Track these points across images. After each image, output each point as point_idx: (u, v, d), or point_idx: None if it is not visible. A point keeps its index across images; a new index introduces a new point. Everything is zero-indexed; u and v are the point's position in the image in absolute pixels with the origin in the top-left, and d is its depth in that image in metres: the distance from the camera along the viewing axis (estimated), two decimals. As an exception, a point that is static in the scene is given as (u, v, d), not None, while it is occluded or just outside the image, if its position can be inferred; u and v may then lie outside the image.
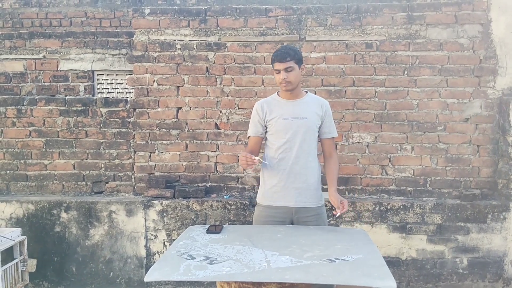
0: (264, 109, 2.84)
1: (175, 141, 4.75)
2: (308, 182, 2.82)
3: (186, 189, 4.59)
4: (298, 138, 2.78)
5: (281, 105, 2.84)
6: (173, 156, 4.76)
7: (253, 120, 2.88)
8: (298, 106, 2.82)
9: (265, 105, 2.87)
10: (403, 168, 4.62)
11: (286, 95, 2.85)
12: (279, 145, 2.80)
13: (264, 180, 2.91)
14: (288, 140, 2.78)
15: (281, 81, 2.74)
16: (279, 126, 2.80)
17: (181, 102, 4.73)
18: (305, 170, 2.81)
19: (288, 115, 2.78)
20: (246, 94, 4.68)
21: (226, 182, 4.74)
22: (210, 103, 4.71)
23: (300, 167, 2.80)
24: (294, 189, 2.79)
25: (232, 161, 4.73)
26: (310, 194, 2.84)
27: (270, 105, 2.86)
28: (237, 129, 4.72)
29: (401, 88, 4.59)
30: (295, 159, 2.79)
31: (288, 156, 2.79)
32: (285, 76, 2.70)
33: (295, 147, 2.78)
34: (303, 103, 2.85)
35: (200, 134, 4.74)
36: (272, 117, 2.77)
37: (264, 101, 2.92)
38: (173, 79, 4.71)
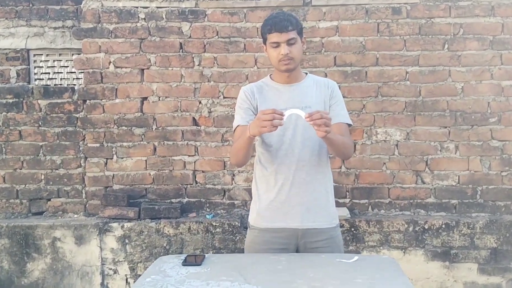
0: (254, 95, 2.84)
1: (139, 142, 4.76)
2: (317, 195, 2.82)
3: (155, 207, 4.62)
4: (300, 135, 2.78)
5: (276, 91, 2.85)
6: (137, 163, 4.77)
7: (241, 106, 2.86)
8: (299, 91, 2.84)
9: (255, 90, 2.86)
10: (445, 174, 4.66)
11: (282, 78, 2.84)
12: (277, 146, 2.79)
13: (259, 194, 2.89)
14: (288, 139, 2.79)
15: (282, 58, 2.72)
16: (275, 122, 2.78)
17: (147, 91, 4.74)
18: (313, 178, 2.81)
19: (285, 104, 2.75)
20: (234, 78, 4.70)
21: (209, 196, 4.77)
22: (185, 91, 4.72)
23: (306, 174, 2.79)
24: (299, 204, 2.79)
25: (216, 168, 4.75)
26: (321, 211, 2.83)
27: (261, 91, 2.87)
28: (222, 125, 4.73)
29: (441, 68, 4.62)
30: (298, 163, 2.78)
31: (289, 160, 2.78)
32: (288, 50, 2.69)
33: (297, 148, 2.78)
34: (304, 87, 2.86)
35: (172, 133, 4.75)
36: (265, 107, 2.74)
37: (254, 85, 2.91)
38: (135, 60, 4.73)
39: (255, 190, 2.91)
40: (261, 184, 2.86)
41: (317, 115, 2.39)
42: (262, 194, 2.85)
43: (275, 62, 2.76)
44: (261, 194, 2.86)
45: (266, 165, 2.82)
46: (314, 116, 2.40)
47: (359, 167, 4.70)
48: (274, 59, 2.75)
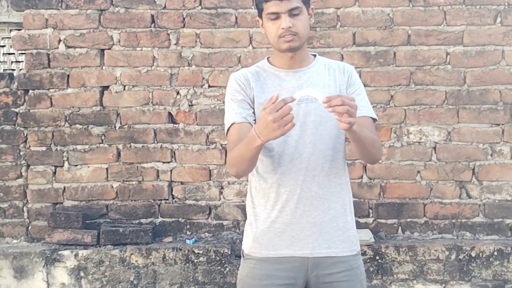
0: (249, 83, 2.86)
1: (98, 145, 4.76)
2: (333, 213, 2.80)
3: (120, 229, 4.62)
4: (311, 135, 2.78)
5: (276, 79, 2.87)
6: (95, 172, 4.77)
7: (234, 98, 2.86)
8: (305, 79, 2.85)
9: (250, 77, 2.88)
10: (497, 185, 4.66)
11: (284, 61, 2.85)
12: (280, 150, 2.79)
13: (256, 214, 2.88)
14: (294, 140, 2.78)
15: (282, 33, 2.71)
16: None
17: (109, 77, 4.75)
18: (327, 192, 2.80)
19: (289, 95, 2.62)
20: (222, 61, 4.69)
21: (190, 215, 4.77)
22: (159, 78, 4.73)
23: (318, 186, 2.78)
24: (310, 226, 2.77)
25: (199, 178, 4.75)
26: (338, 234, 2.82)
27: (258, 78, 2.89)
28: (206, 123, 4.72)
29: (491, 47, 4.63)
30: (308, 173, 2.77)
31: (296, 168, 2.77)
32: (290, 23, 2.68)
33: (306, 152, 2.77)
34: (313, 73, 2.87)
35: (142, 133, 4.75)
36: (264, 100, 2.72)
37: (248, 71, 2.92)
38: (93, 37, 4.72)
39: (251, 207, 2.89)
40: (258, 199, 2.86)
41: (338, 99, 2.35)
42: (260, 213, 2.84)
43: (274, 38, 2.76)
44: (259, 213, 2.85)
45: (265, 175, 2.82)
46: (334, 101, 2.36)
47: (386, 176, 4.69)
48: (273, 34, 2.75)
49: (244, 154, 2.59)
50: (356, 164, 4.64)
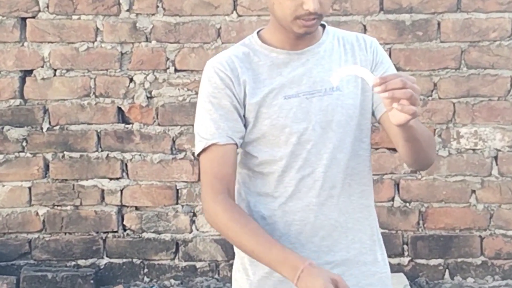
0: (237, 75, 2.57)
1: (18, 154, 4.59)
2: (359, 247, 2.60)
3: (48, 275, 4.44)
4: (328, 141, 2.54)
5: (273, 64, 2.59)
6: (13, 193, 4.61)
7: (215, 102, 2.56)
8: (316, 62, 2.59)
9: (238, 65, 2.58)
10: None
11: (286, 38, 2.57)
12: (284, 165, 2.53)
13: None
14: (306, 149, 2.53)
15: (303, 15, 2.40)
16: (278, 117, 2.55)
17: (33, 58, 4.58)
18: (350, 218, 2.60)
19: (296, 86, 2.55)
20: (194, 34, 4.56)
21: (149, 254, 4.62)
22: (104, 59, 4.57)
23: (339, 211, 2.57)
24: (330, 266, 2.53)
25: (161, 201, 4.61)
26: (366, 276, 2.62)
27: (249, 65, 2.61)
28: (172, 123, 4.59)
29: None
30: (323, 192, 2.53)
31: (307, 188, 2.54)
32: (318, 4, 2.38)
33: (321, 164, 2.52)
34: (324, 53, 2.61)
35: (80, 137, 4.62)
36: (259, 98, 2.54)
37: (234, 55, 2.62)
38: (10, 1, 4.56)
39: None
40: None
41: (397, 81, 2.13)
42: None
43: (287, 16, 2.46)
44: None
45: (262, 200, 2.67)
46: (391, 82, 2.14)
47: (427, 198, 4.56)
48: (287, 11, 2.46)
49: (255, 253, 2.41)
50: (385, 180, 4.52)
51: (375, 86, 2.16)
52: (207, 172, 2.52)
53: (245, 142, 2.58)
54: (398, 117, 2.16)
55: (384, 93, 2.11)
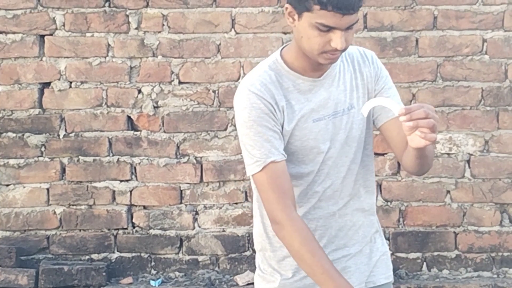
0: (276, 102, 2.71)
1: (37, 159, 4.70)
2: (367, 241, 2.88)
3: (64, 268, 4.52)
4: (345, 156, 2.78)
5: (302, 90, 2.75)
6: (33, 193, 4.70)
7: (262, 124, 2.69)
8: (334, 84, 2.76)
9: (274, 91, 2.71)
10: None
11: (310, 65, 2.69)
12: (310, 180, 2.76)
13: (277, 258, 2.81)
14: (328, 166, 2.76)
15: (330, 51, 2.56)
16: (308, 139, 2.75)
17: (51, 72, 4.66)
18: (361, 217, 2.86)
19: (322, 110, 2.72)
20: (196, 50, 4.65)
21: (155, 249, 4.73)
22: (115, 73, 4.67)
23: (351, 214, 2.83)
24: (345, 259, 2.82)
25: (167, 201, 4.71)
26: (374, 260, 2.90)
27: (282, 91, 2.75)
28: (177, 130, 4.68)
29: None
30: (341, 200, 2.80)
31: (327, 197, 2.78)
32: (345, 43, 2.54)
33: (340, 176, 2.77)
34: (337, 74, 2.77)
35: (94, 143, 4.71)
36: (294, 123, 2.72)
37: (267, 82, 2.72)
38: (31, 20, 4.65)
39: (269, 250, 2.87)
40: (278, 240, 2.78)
41: (421, 112, 2.29)
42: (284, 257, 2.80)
43: (314, 50, 2.60)
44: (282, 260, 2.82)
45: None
46: (416, 113, 2.30)
47: (407, 198, 4.68)
48: (315, 46, 2.59)
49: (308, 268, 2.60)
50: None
51: (400, 115, 2.29)
52: (271, 188, 2.65)
53: None
54: (418, 141, 2.30)
55: (409, 123, 2.25)
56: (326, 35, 2.51)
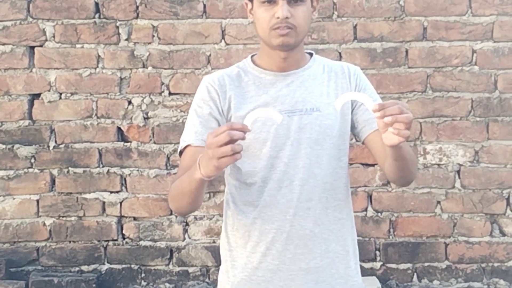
0: (225, 91, 2.84)
1: (27, 170, 4.72)
2: (332, 256, 2.80)
3: (54, 279, 4.55)
4: (305, 156, 2.77)
5: (261, 83, 2.85)
6: (22, 205, 4.73)
7: (199, 111, 2.83)
8: (299, 84, 2.84)
9: (228, 82, 2.85)
10: None
11: (273, 61, 2.81)
12: (264, 176, 2.77)
13: (233, 257, 2.84)
14: (284, 162, 2.76)
15: (276, 24, 2.68)
16: (261, 132, 2.79)
17: (40, 83, 4.71)
18: (325, 230, 2.78)
19: (279, 105, 2.79)
20: (186, 61, 4.70)
21: (145, 260, 4.74)
22: (105, 84, 4.71)
23: (314, 222, 2.76)
24: (304, 272, 2.76)
25: (157, 212, 4.73)
26: (338, 284, 2.81)
27: (238, 83, 2.87)
28: (167, 141, 4.70)
29: None
30: (300, 205, 2.76)
31: (285, 198, 2.76)
32: (288, 13, 2.66)
33: (298, 178, 2.75)
34: (308, 77, 2.85)
35: (83, 154, 4.74)
36: (245, 112, 2.69)
37: (225, 74, 2.88)
38: (20, 31, 4.69)
39: (227, 250, 2.87)
40: (236, 240, 2.83)
41: (395, 108, 2.33)
42: (238, 257, 2.81)
43: (265, 30, 2.73)
44: (237, 258, 2.82)
45: (245, 208, 2.81)
46: (390, 109, 2.34)
47: (397, 208, 4.69)
48: (264, 24, 2.71)
49: (183, 186, 2.62)
50: (359, 193, 4.67)
51: (374, 112, 2.35)
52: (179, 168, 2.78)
53: None
54: (392, 139, 2.35)
55: (388, 118, 2.30)
56: (271, 9, 2.69)
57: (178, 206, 2.69)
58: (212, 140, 2.31)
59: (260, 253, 2.73)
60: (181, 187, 2.59)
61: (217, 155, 2.29)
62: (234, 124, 2.34)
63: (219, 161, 2.30)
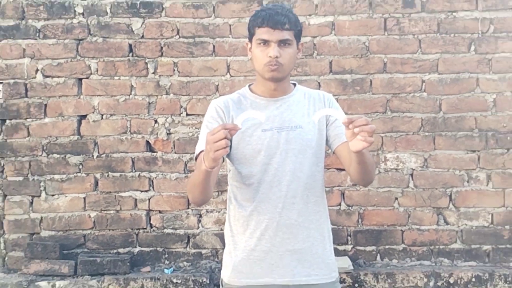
0: (229, 111, 2.91)
1: (76, 174, 4.77)
2: (312, 240, 2.87)
3: (97, 259, 4.59)
4: (290, 163, 2.84)
5: (257, 106, 2.92)
6: (73, 201, 4.77)
7: (208, 126, 2.88)
8: (286, 107, 2.92)
9: (231, 104, 2.93)
10: (474, 212, 4.70)
11: (266, 89, 2.91)
12: (259, 178, 2.84)
13: (235, 242, 2.91)
14: (274, 168, 2.84)
15: (269, 62, 2.78)
16: (256, 143, 2.87)
17: (86, 107, 4.77)
18: (306, 220, 2.86)
19: (271, 123, 2.87)
20: (200, 89, 4.73)
21: (168, 244, 4.77)
22: (136, 107, 4.76)
23: (298, 213, 2.84)
24: (290, 253, 2.83)
25: (177, 206, 4.75)
26: (317, 261, 2.88)
27: (239, 106, 2.94)
28: (184, 151, 4.74)
29: (466, 75, 4.69)
30: (287, 200, 2.84)
31: (275, 196, 2.83)
32: (278, 53, 2.76)
33: (285, 179, 2.84)
34: (293, 102, 2.95)
35: (120, 162, 4.78)
36: (245, 127, 2.82)
37: (229, 98, 2.97)
38: (71, 67, 4.74)
39: (230, 236, 2.93)
40: (237, 228, 2.90)
41: (363, 120, 2.43)
42: (239, 241, 2.88)
43: (260, 65, 2.82)
44: (238, 242, 2.88)
45: (244, 203, 2.87)
46: (358, 121, 2.43)
47: (364, 203, 4.72)
48: (259, 61, 2.81)
49: (195, 179, 2.69)
50: (334, 191, 4.69)
51: (344, 123, 2.45)
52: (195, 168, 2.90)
53: (232, 161, 2.89)
54: (358, 145, 2.43)
55: (356, 128, 2.40)
56: (265, 49, 2.75)
57: (193, 196, 2.77)
58: (210, 137, 2.41)
59: (256, 238, 2.80)
60: (193, 180, 2.69)
61: (214, 149, 2.39)
62: (227, 124, 2.45)
63: (215, 153, 2.40)
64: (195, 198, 2.78)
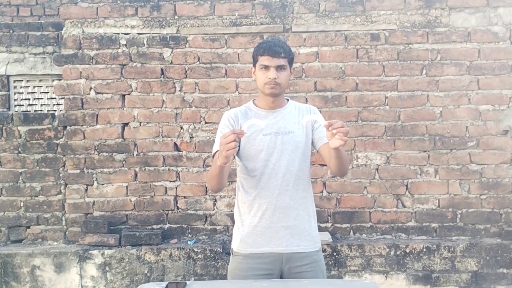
0: (238, 120, 2.91)
1: (120, 168, 4.85)
2: (300, 219, 2.86)
3: (136, 233, 4.68)
4: (285, 159, 2.85)
5: (259, 116, 2.92)
6: (118, 189, 4.85)
7: (222, 131, 2.89)
8: (281, 117, 2.92)
9: (239, 115, 2.93)
10: (425, 197, 4.76)
11: (266, 103, 2.93)
12: (261, 171, 2.85)
13: (242, 220, 2.91)
14: (272, 163, 2.85)
15: (268, 82, 2.81)
16: (259, 145, 2.88)
17: (128, 116, 4.84)
18: (296, 203, 2.87)
19: (269, 129, 2.87)
20: (215, 103, 4.81)
21: (191, 222, 4.84)
22: (166, 117, 4.82)
23: (290, 198, 2.85)
24: (284, 228, 2.82)
25: (197, 193, 4.84)
26: (305, 235, 2.87)
27: (246, 116, 2.93)
28: (203, 151, 4.83)
29: (419, 92, 4.75)
30: (281, 188, 2.84)
31: (273, 185, 2.84)
32: (276, 75, 2.78)
33: (280, 172, 2.84)
34: (287, 113, 2.94)
35: (154, 159, 4.84)
36: (250, 132, 2.83)
37: (238, 110, 2.98)
38: (116, 86, 4.84)
39: (238, 215, 2.94)
40: (244, 209, 2.90)
41: (339, 123, 2.49)
42: (245, 219, 2.89)
43: (261, 84, 2.86)
44: (244, 220, 2.89)
45: (249, 190, 2.88)
46: (337, 124, 2.49)
47: (340, 191, 4.80)
48: (261, 81, 2.84)
49: (212, 172, 2.71)
50: (318, 181, 4.73)
51: (325, 126, 2.46)
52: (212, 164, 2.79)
53: (240, 158, 2.84)
54: (335, 143, 2.45)
55: (335, 130, 2.42)
56: (266, 72, 2.76)
57: (211, 185, 2.77)
58: (223, 140, 2.47)
59: (258, 217, 2.82)
60: (211, 173, 2.73)
61: (226, 149, 2.46)
62: (236, 130, 2.50)
63: (227, 152, 2.46)
64: (212, 187, 2.77)
